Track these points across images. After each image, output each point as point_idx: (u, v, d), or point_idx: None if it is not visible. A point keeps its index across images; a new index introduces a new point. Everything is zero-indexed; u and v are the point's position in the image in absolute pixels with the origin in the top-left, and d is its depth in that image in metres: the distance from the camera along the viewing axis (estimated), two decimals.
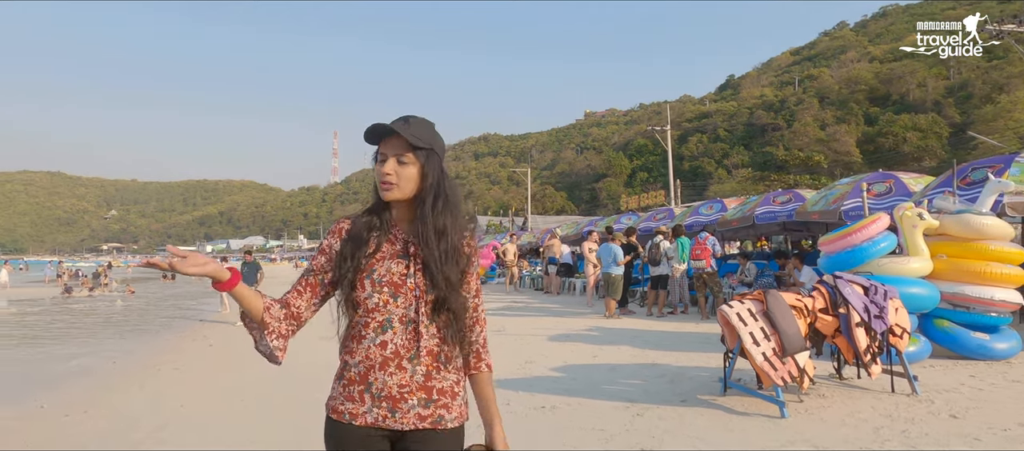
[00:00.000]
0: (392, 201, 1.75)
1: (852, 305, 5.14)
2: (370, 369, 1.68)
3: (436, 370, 1.71)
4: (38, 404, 6.74)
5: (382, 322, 1.69)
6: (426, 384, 1.69)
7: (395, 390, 1.67)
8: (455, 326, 1.73)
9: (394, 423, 1.67)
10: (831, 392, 5.45)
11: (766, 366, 4.82)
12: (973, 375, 5.91)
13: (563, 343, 9.03)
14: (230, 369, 8.78)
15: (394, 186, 1.71)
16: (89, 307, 20.69)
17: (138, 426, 5.69)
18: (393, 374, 1.67)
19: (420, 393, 1.68)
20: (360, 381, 1.69)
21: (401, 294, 1.70)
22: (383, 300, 1.69)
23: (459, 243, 1.76)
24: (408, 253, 1.74)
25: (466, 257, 1.77)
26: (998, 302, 6.56)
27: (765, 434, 4.40)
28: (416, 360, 1.68)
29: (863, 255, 6.56)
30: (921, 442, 4.06)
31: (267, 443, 4.81)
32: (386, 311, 1.69)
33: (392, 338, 1.68)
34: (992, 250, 6.61)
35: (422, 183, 1.73)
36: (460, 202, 1.80)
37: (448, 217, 1.75)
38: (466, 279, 1.77)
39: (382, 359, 1.68)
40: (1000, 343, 6.63)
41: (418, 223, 1.73)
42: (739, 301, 5.15)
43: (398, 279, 1.71)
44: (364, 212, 1.80)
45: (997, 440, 4.07)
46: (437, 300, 1.70)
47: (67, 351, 10.89)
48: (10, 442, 5.31)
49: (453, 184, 1.78)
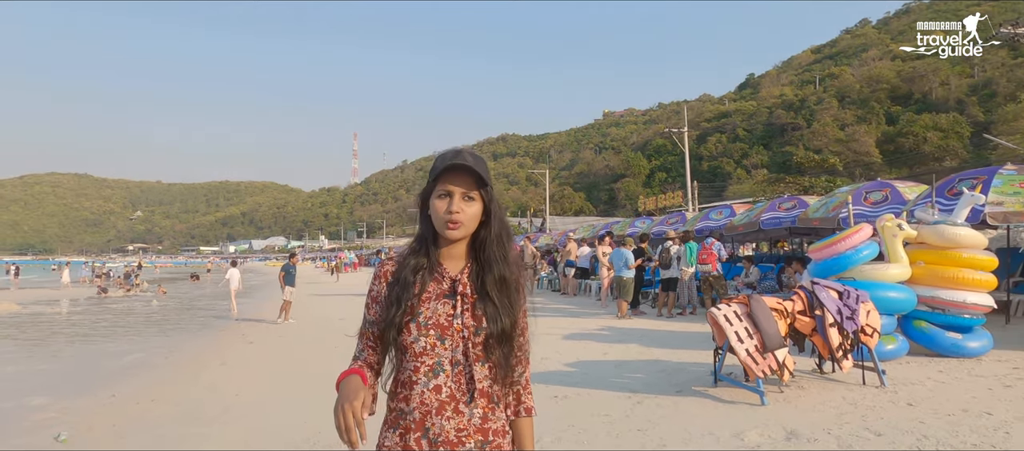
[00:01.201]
0: (450, 240, 1.70)
1: (826, 307, 5.85)
2: (426, 415, 1.63)
3: (491, 412, 1.68)
4: (110, 394, 7.61)
5: (432, 366, 1.64)
6: (483, 426, 1.66)
7: (453, 435, 1.63)
8: (505, 365, 1.70)
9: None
10: (809, 384, 6.17)
11: (749, 361, 5.54)
12: (941, 371, 6.58)
13: (576, 341, 9.79)
14: (274, 362, 9.67)
15: (462, 225, 1.66)
16: (126, 307, 21.69)
17: (203, 410, 6.56)
18: (450, 419, 1.63)
19: (477, 436, 1.65)
20: (417, 428, 1.63)
21: (448, 336, 1.66)
22: (430, 343, 1.65)
23: (519, 282, 1.74)
24: (455, 293, 1.69)
25: (523, 296, 1.76)
26: (970, 305, 7.22)
27: (745, 418, 5.13)
28: (472, 403, 1.65)
29: (847, 262, 7.25)
30: (875, 424, 4.78)
31: (318, 422, 5.61)
32: (435, 354, 1.65)
33: (445, 382, 1.64)
34: (965, 257, 7.28)
35: (486, 219, 1.70)
36: (513, 238, 1.79)
37: (512, 252, 1.74)
38: (521, 313, 1.75)
39: (438, 404, 1.63)
40: (972, 342, 7.28)
41: (487, 262, 1.70)
42: (727, 304, 5.88)
43: (445, 320, 1.67)
44: (409, 251, 1.74)
45: (940, 423, 4.77)
46: (491, 338, 1.67)
47: (119, 348, 11.82)
48: (97, 425, 6.16)
49: (507, 219, 1.77)
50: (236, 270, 19.16)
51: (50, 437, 5.69)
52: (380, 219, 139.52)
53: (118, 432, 5.91)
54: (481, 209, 1.69)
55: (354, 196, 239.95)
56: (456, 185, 1.64)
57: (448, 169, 1.65)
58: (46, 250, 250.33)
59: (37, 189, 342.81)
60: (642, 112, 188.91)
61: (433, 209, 1.67)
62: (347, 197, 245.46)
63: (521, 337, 1.76)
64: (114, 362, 10.21)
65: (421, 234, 1.74)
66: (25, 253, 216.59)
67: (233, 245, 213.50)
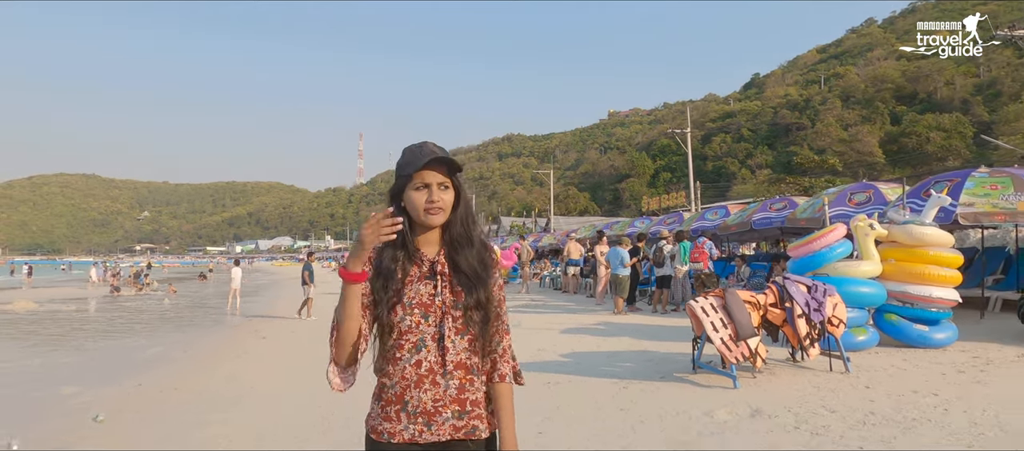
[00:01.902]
0: (429, 227, 1.81)
1: (796, 300, 6.38)
2: (406, 389, 1.74)
3: (469, 382, 1.78)
4: (136, 384, 8.17)
5: (416, 343, 1.75)
6: (459, 396, 1.76)
7: (429, 405, 1.73)
8: (483, 335, 1.81)
9: (430, 436, 1.74)
10: (781, 371, 6.71)
11: (723, 348, 6.08)
12: (905, 359, 7.11)
13: (572, 335, 10.33)
14: (286, 357, 10.24)
15: (441, 212, 1.78)
16: (140, 305, 22.29)
17: (221, 399, 7.12)
18: (428, 390, 1.73)
19: (454, 406, 1.75)
20: (396, 401, 1.74)
21: (431, 313, 1.77)
22: (415, 321, 1.76)
23: (485, 257, 1.86)
24: (435, 273, 1.80)
25: (493, 269, 1.87)
26: (936, 299, 7.74)
27: (717, 399, 5.67)
28: (449, 375, 1.75)
29: (822, 259, 7.78)
30: (831, 403, 5.32)
31: (327, 412, 6.16)
32: (419, 331, 1.75)
33: (426, 356, 1.75)
34: (931, 255, 7.80)
35: (455, 203, 1.82)
36: (476, 218, 1.92)
37: (476, 230, 1.86)
38: (493, 286, 1.85)
39: (417, 377, 1.74)
40: (938, 334, 7.80)
41: (454, 241, 1.82)
42: (704, 297, 6.42)
43: (427, 299, 1.78)
44: (384, 243, 1.79)
45: (889, 401, 5.31)
46: (470, 310, 1.78)
47: (138, 343, 12.42)
48: (127, 410, 6.73)
49: (471, 201, 1.91)
50: (239, 269, 19.90)
51: (88, 418, 6.25)
52: None
53: (146, 416, 6.48)
54: (454, 195, 1.81)
55: (360, 196, 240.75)
56: (433, 177, 1.76)
57: (426, 164, 1.75)
58: (54, 250, 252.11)
59: (45, 190, 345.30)
60: (647, 112, 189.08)
61: (409, 200, 1.78)
62: (353, 197, 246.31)
63: (499, 308, 1.86)
64: (136, 355, 10.78)
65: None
66: (34, 253, 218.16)
67: (239, 245, 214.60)
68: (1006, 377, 6.18)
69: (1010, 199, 8.88)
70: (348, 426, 5.28)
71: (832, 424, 4.79)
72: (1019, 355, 7.19)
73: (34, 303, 22.66)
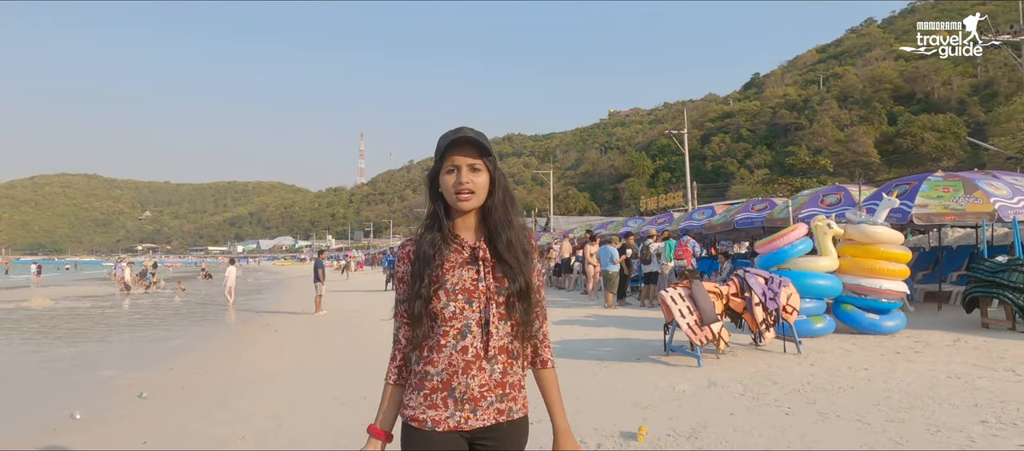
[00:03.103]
0: (463, 211, 1.80)
1: (754, 290, 7.28)
2: (453, 375, 1.73)
3: (509, 366, 1.78)
4: (168, 368, 9.06)
5: (461, 329, 1.74)
6: (503, 380, 1.76)
7: (476, 390, 1.73)
8: (526, 321, 1.79)
9: (475, 421, 1.74)
10: (743, 353, 7.62)
11: (689, 332, 6.97)
12: (854, 343, 8.01)
13: (563, 326, 11.23)
14: (300, 347, 11.12)
15: (473, 195, 1.76)
16: (153, 302, 23.09)
17: (249, 378, 8.02)
18: (475, 376, 1.73)
19: (497, 390, 1.75)
20: (443, 388, 1.73)
21: (475, 299, 1.76)
22: (459, 307, 1.74)
23: (526, 244, 1.84)
24: (477, 258, 1.79)
25: (533, 256, 1.86)
26: (886, 291, 8.64)
27: (681, 375, 6.57)
28: (493, 360, 1.75)
29: (785, 255, 8.69)
30: (777, 377, 6.22)
31: (337, 392, 7.04)
32: (463, 317, 1.74)
33: (472, 342, 1.74)
34: (882, 251, 8.71)
35: (492, 188, 1.81)
36: (517, 204, 1.89)
37: (516, 217, 1.84)
38: (533, 271, 1.85)
39: (464, 363, 1.73)
40: (888, 322, 8.70)
41: (494, 227, 1.81)
42: (673, 288, 7.31)
43: (470, 285, 1.77)
44: (423, 229, 1.84)
45: (825, 375, 6.22)
46: (512, 297, 1.77)
47: (160, 334, 13.28)
48: (167, 389, 7.61)
49: (511, 187, 1.89)
50: (234, 268, 20.94)
51: (134, 395, 7.13)
52: (387, 219, 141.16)
53: (186, 392, 7.37)
54: (488, 179, 1.80)
55: (360, 196, 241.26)
56: (462, 159, 1.76)
57: (452, 145, 1.76)
58: (56, 250, 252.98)
59: (47, 189, 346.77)
60: (647, 112, 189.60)
61: (443, 185, 1.79)
62: (354, 197, 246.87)
63: (537, 294, 1.85)
64: (161, 346, 11.65)
65: (432, 211, 1.85)
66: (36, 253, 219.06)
67: (241, 245, 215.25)
68: (933, 357, 7.07)
69: (960, 201, 9.78)
70: (366, 400, 6.16)
71: (772, 391, 5.69)
72: (955, 340, 8.08)
73: (50, 300, 23.56)
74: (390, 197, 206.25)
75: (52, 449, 5.11)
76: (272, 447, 4.95)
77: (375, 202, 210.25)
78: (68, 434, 5.54)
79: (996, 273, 8.53)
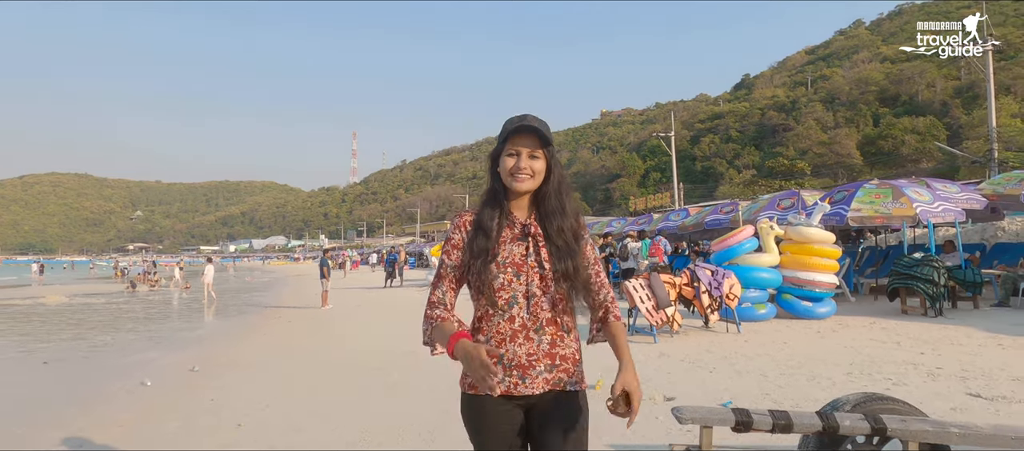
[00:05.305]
0: (518, 193, 1.94)
1: (701, 280, 8.79)
2: (501, 342, 1.86)
3: (560, 339, 1.91)
4: (205, 349, 10.44)
5: (508, 299, 1.87)
6: (551, 351, 1.88)
7: (524, 359, 1.85)
8: (577, 295, 1.95)
9: (524, 389, 1.85)
10: (694, 333, 9.14)
11: (647, 315, 8.48)
12: (789, 326, 9.55)
13: None
14: (311, 336, 12.52)
15: (529, 178, 1.91)
16: (161, 299, 24.24)
17: (279, 352, 9.45)
18: (522, 345, 1.86)
19: (546, 360, 1.87)
20: (492, 354, 1.76)
21: (523, 272, 1.88)
22: (508, 280, 1.87)
23: (577, 229, 1.98)
24: (527, 235, 1.92)
25: (583, 234, 2.01)
26: (819, 282, 10.18)
27: (637, 350, 8.04)
28: (541, 331, 1.87)
29: (734, 252, 10.21)
30: (714, 349, 7.74)
31: (349, 373, 8.48)
32: (511, 289, 1.87)
33: (519, 313, 1.87)
34: (816, 249, 10.25)
35: (549, 175, 1.95)
36: (572, 191, 2.05)
37: (569, 204, 2.00)
38: (585, 251, 1.99)
39: (511, 332, 1.86)
40: (821, 308, 10.26)
41: (547, 212, 1.95)
42: (635, 279, 8.81)
43: (519, 260, 1.89)
44: (483, 203, 1.99)
45: (751, 348, 7.75)
46: (562, 273, 1.89)
47: (182, 325, 14.60)
48: (213, 362, 9.00)
49: (566, 175, 2.03)
50: (211, 267, 22.92)
51: (186, 370, 8.51)
52: (379, 218, 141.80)
53: (234, 367, 8.75)
54: (545, 166, 1.93)
55: (353, 196, 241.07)
56: (523, 145, 1.89)
57: (516, 131, 1.89)
58: (47, 249, 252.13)
59: (37, 189, 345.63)
60: (639, 112, 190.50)
61: (503, 166, 1.93)
62: (347, 197, 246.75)
63: (595, 267, 2.03)
64: (186, 334, 12.95)
65: (492, 188, 2.00)
66: (26, 252, 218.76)
67: (233, 244, 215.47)
68: (845, 335, 8.62)
69: (888, 205, 11.34)
70: (382, 368, 7.62)
71: (706, 359, 7.21)
72: (872, 323, 9.63)
73: (64, 297, 24.76)
74: (383, 196, 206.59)
75: (140, 402, 6.54)
76: (320, 393, 6.40)
77: (368, 201, 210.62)
78: (146, 395, 6.95)
79: (912, 268, 10.09)
